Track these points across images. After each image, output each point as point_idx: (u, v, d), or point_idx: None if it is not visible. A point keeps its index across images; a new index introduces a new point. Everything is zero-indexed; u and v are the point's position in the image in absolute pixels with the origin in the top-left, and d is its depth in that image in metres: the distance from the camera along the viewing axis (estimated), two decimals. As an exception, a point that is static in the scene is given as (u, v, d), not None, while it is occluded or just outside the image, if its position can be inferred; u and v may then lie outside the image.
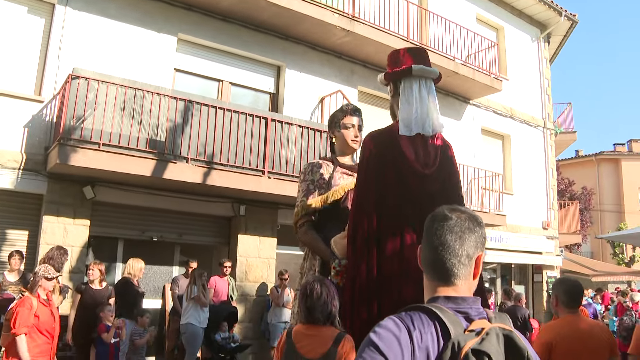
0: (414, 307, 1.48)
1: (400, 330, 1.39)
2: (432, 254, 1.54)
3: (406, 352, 1.35)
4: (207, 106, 9.05)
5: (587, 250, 30.58)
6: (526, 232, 16.02)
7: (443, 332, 1.39)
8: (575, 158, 34.45)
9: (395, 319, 1.43)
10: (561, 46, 19.07)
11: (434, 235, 1.55)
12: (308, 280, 3.24)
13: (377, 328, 1.41)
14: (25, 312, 5.08)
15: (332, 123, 3.78)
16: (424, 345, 1.37)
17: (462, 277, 1.52)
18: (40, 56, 8.91)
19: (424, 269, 1.59)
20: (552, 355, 3.60)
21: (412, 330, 1.38)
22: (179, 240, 10.17)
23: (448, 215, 1.57)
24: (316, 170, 3.59)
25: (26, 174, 8.35)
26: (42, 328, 5.21)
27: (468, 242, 1.53)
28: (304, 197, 3.53)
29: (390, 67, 3.31)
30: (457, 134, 14.50)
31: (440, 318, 1.41)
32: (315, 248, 3.45)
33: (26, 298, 5.25)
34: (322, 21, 10.80)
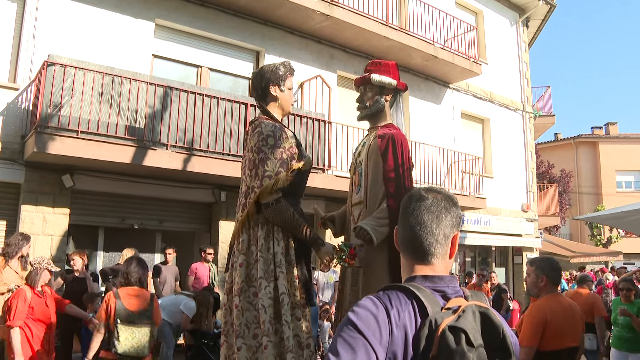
0: (392, 286, 1.50)
1: (378, 309, 1.41)
2: (409, 233, 1.56)
3: (384, 330, 1.37)
4: (186, 92, 8.98)
5: (566, 232, 31.05)
6: (506, 215, 16.21)
7: (420, 311, 1.42)
8: (554, 141, 34.83)
9: (373, 298, 1.45)
10: (540, 30, 19.20)
11: (411, 215, 1.57)
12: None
13: (356, 307, 1.43)
14: (20, 304, 5.10)
15: (276, 77, 3.48)
16: (402, 323, 1.39)
17: (439, 256, 1.55)
18: (14, 43, 8.75)
19: (400, 248, 1.61)
20: (545, 333, 3.71)
21: (390, 309, 1.40)
22: (159, 227, 10.14)
23: (424, 195, 1.59)
24: (285, 136, 3.34)
25: (2, 163, 8.24)
26: (37, 319, 5.23)
27: (445, 222, 1.56)
28: (280, 168, 3.22)
29: (395, 77, 3.95)
30: (437, 118, 14.57)
31: (417, 297, 1.44)
32: (298, 228, 3.23)
33: (21, 290, 5.26)
34: (301, 5, 10.74)
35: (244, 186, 3.35)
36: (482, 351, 1.34)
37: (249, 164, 3.30)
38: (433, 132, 14.20)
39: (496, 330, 1.41)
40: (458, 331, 1.34)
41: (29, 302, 5.17)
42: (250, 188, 3.26)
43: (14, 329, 5.02)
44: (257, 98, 3.56)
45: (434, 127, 14.39)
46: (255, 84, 3.54)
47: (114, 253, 9.47)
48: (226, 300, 3.34)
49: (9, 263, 6.61)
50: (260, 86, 3.49)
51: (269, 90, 3.48)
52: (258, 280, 3.13)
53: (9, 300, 5.22)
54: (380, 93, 3.91)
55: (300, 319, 3.14)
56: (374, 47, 12.52)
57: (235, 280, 3.21)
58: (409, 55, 13.04)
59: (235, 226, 3.37)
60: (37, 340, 5.20)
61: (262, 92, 3.49)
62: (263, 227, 3.22)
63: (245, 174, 3.36)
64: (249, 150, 3.31)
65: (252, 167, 3.25)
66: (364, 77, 3.95)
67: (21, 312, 5.08)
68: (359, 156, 3.92)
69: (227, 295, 3.31)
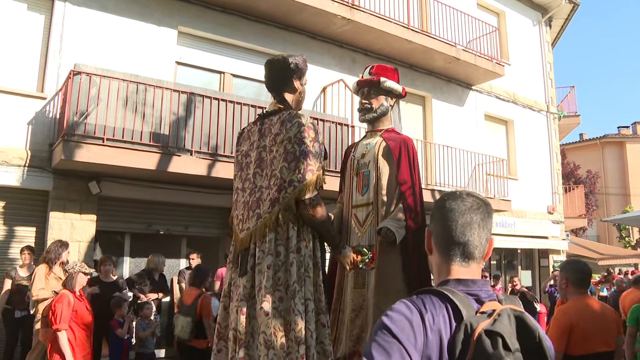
0: (425, 290, 1.49)
1: (412, 313, 1.40)
2: (451, 234, 1.55)
3: (419, 335, 1.36)
4: (210, 98, 9.06)
5: (593, 234, 30.58)
6: (531, 217, 16.01)
7: (455, 315, 1.40)
8: (580, 142, 34.34)
9: (407, 302, 1.44)
10: (563, 29, 18.97)
11: (454, 216, 1.56)
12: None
13: (389, 312, 1.42)
14: (64, 308, 5.28)
15: (300, 71, 3.32)
16: (437, 327, 1.38)
17: (477, 259, 1.55)
18: (42, 53, 8.92)
19: (437, 249, 1.60)
20: (572, 336, 3.65)
21: (424, 313, 1.39)
22: (185, 232, 10.21)
23: (467, 198, 1.59)
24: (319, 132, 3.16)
25: (32, 170, 8.38)
26: (80, 322, 5.44)
27: (487, 224, 1.57)
28: (318, 163, 3.04)
29: (398, 82, 4.14)
30: (460, 120, 14.47)
31: (451, 300, 1.42)
32: (329, 229, 3.14)
33: (63, 294, 5.45)
34: (322, 10, 10.77)
35: (264, 180, 3.09)
36: (519, 355, 1.32)
37: (284, 156, 3.01)
38: (456, 135, 14.10)
39: (532, 335, 1.39)
40: (495, 335, 1.32)
41: (72, 306, 5.38)
42: (288, 182, 2.96)
43: (61, 332, 5.21)
44: (275, 85, 3.34)
45: (457, 129, 14.29)
46: (276, 70, 3.32)
47: (140, 259, 9.56)
48: (235, 306, 3.04)
49: (53, 269, 6.79)
50: (284, 75, 3.29)
51: (292, 81, 3.31)
52: (292, 284, 2.89)
53: (53, 305, 5.40)
54: (386, 97, 4.04)
55: (325, 326, 3.02)
56: (396, 50, 12.49)
57: (262, 284, 2.91)
58: (431, 57, 12.98)
59: (257, 224, 3.04)
60: (79, 342, 5.43)
61: (285, 81, 3.30)
62: (294, 226, 3.00)
63: (266, 166, 3.10)
64: (281, 141, 3.04)
65: (291, 160, 2.97)
66: (372, 80, 4.01)
67: (66, 315, 5.28)
68: (363, 158, 3.93)
69: (240, 302, 2.99)
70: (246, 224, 3.12)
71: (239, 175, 3.29)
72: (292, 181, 2.95)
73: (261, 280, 2.92)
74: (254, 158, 3.19)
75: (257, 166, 3.15)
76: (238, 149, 3.38)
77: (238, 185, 3.28)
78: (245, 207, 3.16)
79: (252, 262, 3.03)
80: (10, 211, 8.45)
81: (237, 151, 3.40)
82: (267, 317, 2.82)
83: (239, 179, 3.28)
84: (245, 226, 3.12)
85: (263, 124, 3.22)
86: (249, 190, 3.16)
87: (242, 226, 3.15)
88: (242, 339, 2.89)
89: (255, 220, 3.05)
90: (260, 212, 3.04)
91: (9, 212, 8.45)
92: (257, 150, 3.19)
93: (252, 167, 3.18)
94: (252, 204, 3.12)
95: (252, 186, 3.15)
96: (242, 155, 3.32)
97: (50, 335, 5.33)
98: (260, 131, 3.22)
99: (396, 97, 4.13)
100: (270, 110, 3.28)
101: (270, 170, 3.07)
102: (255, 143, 3.22)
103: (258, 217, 3.05)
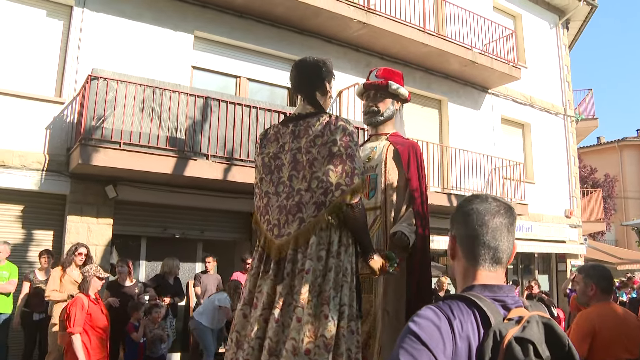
0: (451, 296, 1.46)
1: (440, 320, 1.36)
2: (483, 238, 1.52)
3: (447, 342, 1.33)
4: (226, 102, 9.09)
5: (612, 238, 30.20)
6: (549, 221, 15.85)
7: (483, 321, 1.37)
8: (597, 145, 33.96)
9: (434, 308, 1.41)
10: (580, 32, 18.78)
11: (488, 220, 1.53)
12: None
13: (416, 318, 1.38)
14: (78, 311, 5.35)
15: (331, 74, 3.26)
16: (465, 334, 1.34)
17: (504, 264, 1.53)
18: (60, 58, 9.01)
19: (464, 254, 1.56)
20: (595, 343, 3.58)
21: (453, 319, 1.36)
22: (201, 236, 10.24)
23: (493, 202, 1.57)
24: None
25: (49, 174, 8.46)
26: (95, 325, 5.49)
27: (514, 229, 1.56)
28: (360, 166, 2.98)
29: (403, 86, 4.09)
30: (476, 124, 14.38)
31: (479, 306, 1.39)
32: (367, 234, 3.09)
33: (78, 298, 5.52)
34: (338, 14, 10.76)
35: (302, 183, 2.97)
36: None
37: (328, 158, 2.91)
38: (473, 138, 14.02)
39: (561, 342, 1.36)
40: (525, 342, 1.29)
41: (87, 309, 5.42)
42: (335, 185, 2.87)
43: (75, 335, 5.27)
44: (306, 87, 3.21)
45: (474, 133, 14.20)
46: (309, 72, 3.23)
47: (156, 262, 9.59)
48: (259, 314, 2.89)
49: (67, 272, 6.85)
50: (317, 76, 3.19)
51: (325, 83, 3.22)
52: (328, 291, 2.81)
53: (67, 308, 5.46)
54: (392, 101, 4.02)
55: (354, 333, 2.90)
56: (412, 53, 12.45)
57: (299, 290, 2.80)
58: (447, 61, 12.92)
59: (300, 228, 2.91)
60: (95, 345, 5.47)
61: (317, 82, 3.20)
62: (336, 231, 2.92)
63: (302, 168, 2.98)
64: (324, 143, 2.94)
65: (338, 163, 2.89)
66: (380, 83, 4.00)
67: (80, 319, 5.33)
68: (369, 161, 3.91)
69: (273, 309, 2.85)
70: (285, 229, 2.96)
71: (269, 179, 3.12)
72: (340, 184, 2.88)
73: (299, 286, 2.81)
74: (288, 160, 3.05)
75: (293, 169, 3.01)
76: (263, 151, 3.19)
77: (268, 189, 3.10)
78: (283, 212, 2.99)
79: (290, 268, 2.90)
80: (28, 215, 8.54)
81: (261, 153, 3.21)
82: (299, 324, 2.74)
83: (269, 183, 3.11)
84: (285, 231, 2.96)
85: (296, 125, 3.10)
86: (285, 193, 3.00)
87: (280, 231, 2.98)
88: (274, 347, 2.77)
89: (298, 224, 2.92)
90: (304, 216, 2.91)
91: (28, 216, 8.53)
92: (290, 152, 3.05)
93: (287, 170, 3.04)
94: (290, 207, 2.95)
95: (288, 189, 3.00)
96: (270, 157, 3.15)
97: (66, 339, 5.37)
98: (294, 133, 3.08)
99: (402, 102, 4.12)
100: (304, 112, 3.15)
101: (309, 173, 2.95)
102: (288, 145, 3.08)
103: (301, 221, 2.91)
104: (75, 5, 9.04)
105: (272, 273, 2.95)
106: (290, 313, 2.81)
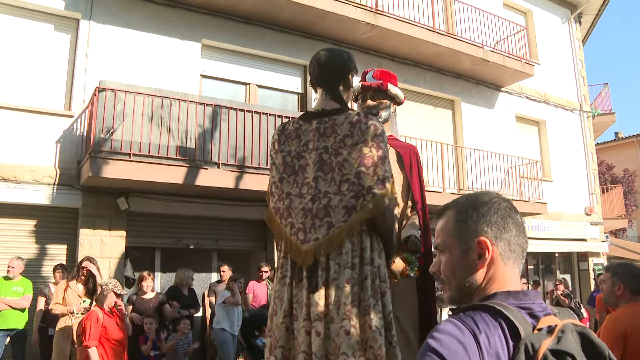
0: (473, 306, 1.29)
1: (464, 334, 1.20)
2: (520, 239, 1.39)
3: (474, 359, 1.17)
4: (236, 110, 9.01)
5: (634, 235, 29.69)
6: (568, 219, 15.58)
7: (511, 333, 1.21)
8: (615, 140, 33.47)
9: (456, 322, 1.24)
10: (594, 25, 18.51)
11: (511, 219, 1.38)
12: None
13: (436, 333, 1.22)
14: (92, 325, 5.43)
15: (353, 67, 3.07)
16: (493, 350, 1.18)
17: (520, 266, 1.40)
18: (68, 71, 9.00)
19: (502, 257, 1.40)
20: (627, 346, 3.38)
21: (478, 334, 1.20)
22: (215, 246, 10.15)
23: (506, 200, 1.42)
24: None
25: (61, 188, 8.43)
26: (110, 338, 5.56)
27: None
28: (390, 169, 2.83)
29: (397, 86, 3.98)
30: (491, 123, 14.18)
31: (506, 317, 1.23)
32: (393, 238, 2.93)
33: (92, 311, 5.61)
34: (346, 16, 10.66)
35: (330, 186, 2.79)
36: None
37: (360, 160, 2.76)
38: (487, 138, 13.82)
39: (600, 353, 1.20)
40: (562, 355, 1.14)
41: (102, 322, 5.49)
42: (367, 188, 2.72)
43: (91, 349, 5.33)
44: (330, 80, 3.01)
45: (488, 132, 14.00)
46: (334, 64, 3.02)
47: (171, 274, 9.52)
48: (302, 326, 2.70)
49: (70, 285, 6.80)
50: (342, 69, 3.00)
51: (349, 77, 3.02)
52: (367, 300, 2.66)
53: (83, 322, 5.54)
54: (390, 103, 3.92)
55: (392, 343, 2.75)
56: (422, 54, 12.30)
57: (340, 301, 2.64)
58: (458, 60, 12.75)
59: (329, 233, 2.74)
60: (111, 358, 5.53)
61: (342, 76, 3.00)
62: (367, 236, 2.76)
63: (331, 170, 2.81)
64: (355, 144, 2.79)
65: (369, 165, 2.75)
66: (379, 85, 3.94)
67: (95, 332, 5.40)
68: None
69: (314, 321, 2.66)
70: (312, 234, 2.76)
71: (292, 180, 2.90)
72: (371, 188, 2.72)
73: (339, 297, 2.64)
74: (313, 160, 2.85)
75: (319, 169, 2.82)
76: (282, 148, 2.96)
77: (291, 190, 2.88)
78: (308, 215, 2.79)
79: (324, 276, 2.70)
80: (41, 229, 8.52)
81: (280, 151, 2.97)
82: (348, 337, 2.58)
83: (292, 184, 2.89)
84: (312, 236, 2.76)
85: (321, 122, 2.90)
86: (311, 195, 2.80)
87: (306, 236, 2.78)
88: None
89: (326, 229, 2.73)
90: (332, 220, 2.73)
91: (41, 231, 8.52)
92: (315, 151, 2.86)
93: (312, 171, 2.84)
94: (317, 211, 2.77)
95: (314, 191, 2.80)
96: (293, 156, 2.92)
97: (84, 353, 5.42)
98: (319, 130, 2.89)
99: (397, 104, 4.00)
100: (328, 108, 2.95)
101: (338, 175, 2.78)
102: (313, 143, 2.89)
103: (329, 226, 2.73)
104: (82, 18, 9.03)
105: (305, 281, 2.75)
106: (330, 324, 2.65)
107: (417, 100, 12.40)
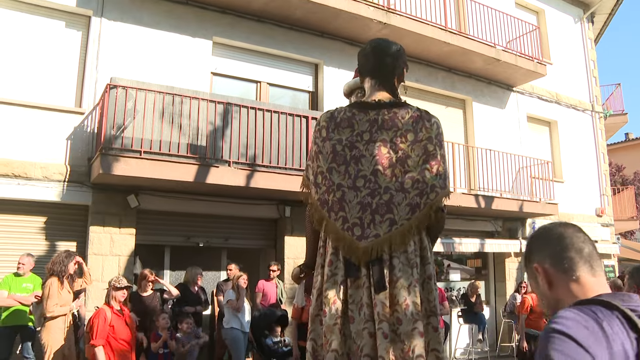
0: (587, 300, 1.30)
1: (587, 321, 1.22)
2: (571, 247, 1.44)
3: (600, 343, 1.18)
4: (246, 108, 8.96)
5: (644, 237, 29.47)
6: (579, 220, 15.42)
7: (630, 325, 1.22)
8: (625, 141, 33.20)
9: (574, 310, 1.25)
10: (606, 25, 18.35)
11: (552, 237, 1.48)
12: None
13: (558, 319, 1.23)
14: (100, 323, 5.42)
15: (406, 61, 2.98)
16: (617, 337, 1.20)
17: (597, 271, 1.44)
18: (79, 68, 8.98)
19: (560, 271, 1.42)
20: None
21: (601, 320, 1.22)
22: (225, 244, 10.11)
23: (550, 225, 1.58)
24: None
25: (71, 185, 8.41)
26: (118, 337, 5.54)
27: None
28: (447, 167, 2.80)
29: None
30: (502, 123, 14.08)
31: (622, 310, 1.24)
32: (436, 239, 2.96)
33: (101, 310, 5.62)
34: (357, 15, 10.59)
35: (392, 182, 2.69)
36: None
37: (424, 157, 2.69)
38: (498, 138, 13.72)
39: None
40: None
41: (109, 321, 5.47)
42: (430, 186, 2.65)
43: (98, 348, 5.31)
44: (388, 72, 2.89)
45: (499, 132, 13.90)
46: (391, 56, 2.91)
47: (180, 272, 9.50)
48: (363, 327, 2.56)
49: (63, 283, 6.69)
50: (398, 62, 2.90)
51: (404, 71, 2.92)
52: (433, 300, 2.63)
53: (91, 320, 5.55)
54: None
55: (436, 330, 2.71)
56: (434, 53, 12.21)
57: (408, 301, 2.53)
58: (470, 59, 12.66)
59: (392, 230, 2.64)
60: (118, 357, 5.42)
61: (399, 69, 2.90)
62: (426, 235, 2.72)
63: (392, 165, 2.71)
64: (419, 140, 2.71)
65: (433, 163, 2.68)
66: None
67: (102, 331, 5.38)
68: None
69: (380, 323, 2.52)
70: (371, 230, 2.64)
71: (343, 170, 2.74)
72: (434, 186, 2.65)
73: (407, 297, 2.53)
74: (370, 152, 2.73)
75: (377, 163, 2.70)
76: (331, 136, 2.80)
77: (342, 182, 2.73)
78: (367, 210, 2.66)
79: (390, 276, 2.58)
80: (51, 226, 8.50)
81: (329, 138, 2.80)
82: (422, 339, 2.49)
83: (344, 174, 2.74)
84: (371, 232, 2.63)
85: (379, 114, 2.78)
86: (369, 189, 2.68)
87: (364, 232, 2.65)
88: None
89: (388, 226, 2.62)
90: (395, 217, 2.63)
91: (50, 227, 8.49)
92: (373, 143, 2.74)
93: (369, 163, 2.71)
94: (377, 206, 2.65)
95: (373, 185, 2.68)
96: (344, 145, 2.77)
97: (91, 351, 5.37)
98: (377, 122, 2.77)
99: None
100: (387, 101, 2.82)
101: (401, 171, 2.68)
102: (368, 135, 2.76)
103: (392, 222, 2.62)
104: (94, 15, 9.01)
105: (365, 280, 2.61)
106: (396, 326, 2.52)
107: (429, 100, 12.30)
